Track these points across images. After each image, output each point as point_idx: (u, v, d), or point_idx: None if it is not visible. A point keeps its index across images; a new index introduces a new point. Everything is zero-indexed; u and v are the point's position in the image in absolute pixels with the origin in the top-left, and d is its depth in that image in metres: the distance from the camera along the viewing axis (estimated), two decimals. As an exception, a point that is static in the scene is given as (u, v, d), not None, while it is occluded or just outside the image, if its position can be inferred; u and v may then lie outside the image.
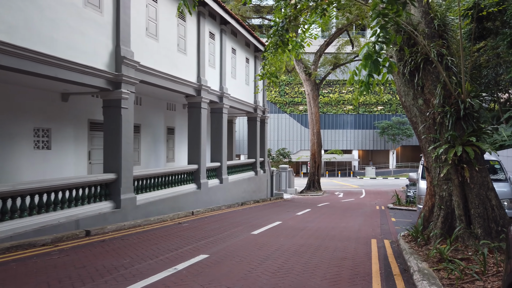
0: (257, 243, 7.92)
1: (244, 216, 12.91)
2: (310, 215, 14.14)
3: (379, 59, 4.23)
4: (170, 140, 17.46)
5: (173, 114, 17.63)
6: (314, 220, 12.31)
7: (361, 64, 4.37)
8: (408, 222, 12.70)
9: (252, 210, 15.54)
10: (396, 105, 61.95)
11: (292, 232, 9.50)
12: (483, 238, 6.15)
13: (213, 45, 16.63)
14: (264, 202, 20.44)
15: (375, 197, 27.53)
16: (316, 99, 32.42)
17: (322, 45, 32.23)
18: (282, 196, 25.47)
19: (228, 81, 18.31)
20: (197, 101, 15.09)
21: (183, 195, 13.70)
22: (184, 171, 14.25)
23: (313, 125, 32.61)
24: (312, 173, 32.94)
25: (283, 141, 59.12)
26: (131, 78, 10.77)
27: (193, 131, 15.10)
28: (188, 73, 14.37)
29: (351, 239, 8.73)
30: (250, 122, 22.66)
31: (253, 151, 22.37)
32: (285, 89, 60.23)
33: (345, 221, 12.46)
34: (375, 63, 4.21)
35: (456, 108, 6.68)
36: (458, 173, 6.62)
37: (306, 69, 31.92)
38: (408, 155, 65.97)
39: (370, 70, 4.28)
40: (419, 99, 7.37)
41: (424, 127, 7.33)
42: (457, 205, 6.55)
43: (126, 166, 10.69)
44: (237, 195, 18.78)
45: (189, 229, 9.80)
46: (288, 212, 14.87)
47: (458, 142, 6.58)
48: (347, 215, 14.60)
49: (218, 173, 17.14)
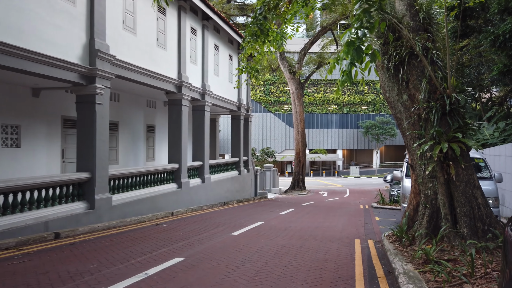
0: (237, 244, 7.57)
1: (225, 216, 12.54)
2: (294, 214, 13.86)
3: (361, 46, 3.93)
4: (150, 139, 16.96)
5: (153, 111, 17.13)
6: (297, 220, 12.03)
7: (343, 51, 4.06)
8: (392, 221, 12.54)
9: (234, 210, 15.18)
10: (379, 105, 62.42)
11: (274, 233, 9.17)
12: (470, 237, 5.94)
13: (194, 41, 16.20)
14: (248, 202, 20.10)
15: (359, 196, 27.50)
16: (300, 98, 32.24)
17: (306, 43, 32.06)
18: (266, 196, 25.18)
19: (210, 78, 17.89)
20: (177, 98, 14.65)
21: (162, 195, 13.25)
22: (164, 170, 13.79)
23: (298, 124, 32.42)
24: (296, 173, 32.76)
25: (268, 141, 58.90)
26: (106, 72, 10.28)
27: (174, 129, 14.65)
28: (168, 69, 13.91)
29: (334, 239, 8.45)
30: (234, 121, 22.29)
31: (236, 150, 22.01)
32: (270, 88, 60.02)
33: (329, 220, 12.22)
34: (357, 51, 3.91)
35: (442, 103, 6.46)
36: (443, 171, 6.40)
37: (290, 68, 31.70)
38: (392, 154, 66.58)
39: (352, 58, 3.98)
40: (404, 95, 7.14)
41: (408, 124, 7.09)
42: (443, 203, 6.33)
43: (101, 164, 10.20)
44: (220, 194, 18.39)
45: (166, 230, 9.38)
46: (271, 212, 14.57)
47: (444, 139, 6.36)
48: (330, 214, 14.38)
49: (200, 172, 16.72)
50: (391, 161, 65.26)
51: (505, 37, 12.29)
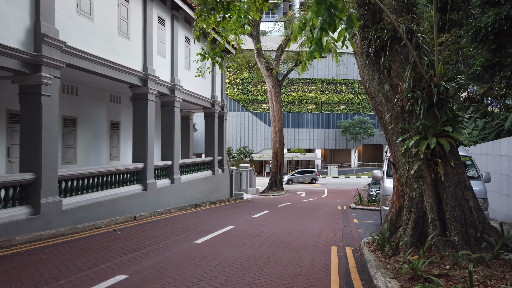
0: (197, 256, 6.59)
1: (193, 220, 11.53)
2: (268, 217, 12.96)
3: (335, 6, 3.04)
4: (114, 136, 15.73)
5: (118, 107, 15.91)
6: (271, 224, 11.13)
7: (311, 10, 3.16)
8: (371, 223, 11.81)
9: (206, 212, 14.17)
10: (358, 105, 62.46)
11: (242, 240, 8.23)
12: (461, 247, 5.16)
13: (162, 32, 15.09)
14: (222, 203, 19.10)
15: (337, 196, 26.90)
16: (278, 96, 31.43)
17: (284, 40, 31.29)
18: (242, 197, 24.22)
19: (181, 72, 16.81)
20: (143, 92, 13.52)
21: (125, 197, 12.12)
22: (126, 170, 12.65)
23: (275, 123, 31.61)
24: (274, 172, 31.93)
25: (245, 140, 57.95)
26: (54, 60, 9.10)
27: (139, 126, 13.52)
28: (131, 60, 12.78)
29: (309, 247, 7.58)
30: (207, 118, 21.24)
31: (210, 149, 20.98)
32: (248, 86, 59.10)
33: (304, 223, 11.38)
34: (329, 11, 3.02)
35: (429, 93, 5.67)
36: (430, 170, 5.62)
37: (267, 65, 30.84)
38: (369, 154, 66.80)
39: (322, 22, 3.09)
40: (385, 84, 6.32)
41: (391, 117, 6.29)
42: (430, 207, 5.54)
43: (49, 164, 9.02)
44: (191, 196, 17.33)
45: (121, 238, 8.30)
46: (244, 215, 13.63)
47: (431, 133, 5.57)
48: (307, 216, 13.55)
49: (169, 172, 15.62)
50: (369, 161, 65.45)
51: (487, 30, 11.77)
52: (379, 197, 11.83)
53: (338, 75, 61.60)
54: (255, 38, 30.75)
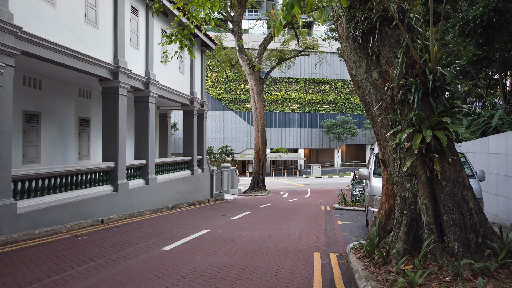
0: (162, 266, 5.78)
1: (167, 224, 10.68)
2: (247, 219, 12.21)
3: None
4: (84, 134, 14.71)
5: (88, 102, 14.89)
6: (250, 226, 10.38)
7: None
8: (356, 225, 11.19)
9: (182, 215, 13.32)
10: (341, 104, 62.36)
11: (216, 246, 7.46)
12: (462, 254, 4.52)
13: (136, 23, 14.17)
14: (201, 205, 18.26)
15: (320, 197, 26.36)
16: (260, 94, 30.72)
17: (266, 37, 30.64)
18: (223, 197, 23.40)
19: (156, 66, 15.91)
20: (114, 86, 12.59)
21: (92, 199, 11.18)
22: (94, 169, 11.71)
23: (258, 122, 30.89)
24: (256, 172, 31.21)
25: (228, 140, 57.09)
26: (7, 47, 8.14)
27: (109, 122, 12.59)
28: (100, 51, 11.84)
29: (289, 253, 6.86)
30: (186, 116, 20.35)
31: (189, 148, 20.09)
32: (231, 85, 58.25)
33: (286, 226, 10.67)
34: None
35: (423, 80, 5.02)
36: (425, 167, 4.97)
37: (250, 62, 30.11)
38: (352, 154, 66.85)
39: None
40: (374, 72, 5.65)
41: (380, 108, 5.62)
42: (425, 209, 4.89)
43: (0, 163, 8.05)
44: (168, 197, 16.43)
45: (81, 245, 7.42)
46: (222, 217, 12.84)
47: (426, 125, 4.92)
48: (288, 218, 12.86)
49: (144, 172, 14.71)
50: (352, 160, 65.47)
51: (475, 23, 11.32)
52: (365, 197, 11.21)
53: (321, 74, 61.36)
54: (236, 34, 29.98)
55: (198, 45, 21.43)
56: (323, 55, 45.45)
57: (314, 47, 33.27)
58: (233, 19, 29.70)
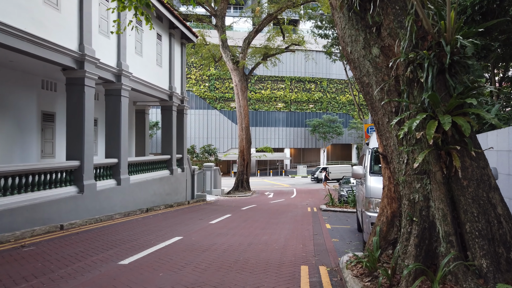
0: (112, 287, 4.63)
1: (136, 229, 9.50)
2: (227, 223, 11.09)
3: None
4: (48, 130, 13.35)
5: (52, 95, 13.54)
6: (229, 232, 9.27)
7: None
8: (346, 229, 10.19)
9: (156, 219, 12.13)
10: (326, 103, 61.70)
11: (186, 258, 6.33)
12: (493, 275, 3.52)
13: (105, 7, 12.89)
14: (180, 207, 17.06)
15: (306, 197, 25.41)
16: (244, 91, 29.60)
17: (251, 32, 29.55)
18: (205, 198, 22.21)
19: (130, 57, 14.66)
20: (79, 77, 11.33)
21: (51, 202, 9.92)
22: (56, 169, 10.45)
23: (242, 120, 29.77)
24: (240, 172, 30.08)
25: (212, 139, 55.76)
26: None
27: (74, 116, 11.33)
28: (62, 36, 10.58)
29: (271, 266, 5.79)
30: (165, 112, 19.11)
31: (168, 147, 18.86)
32: (215, 83, 56.95)
33: (269, 231, 9.60)
34: None
35: (438, 53, 4.00)
36: (441, 162, 3.95)
37: (233, 58, 28.96)
38: (338, 153, 66.28)
39: None
40: (374, 47, 4.63)
41: (381, 91, 4.59)
42: (442, 215, 3.87)
43: None
44: (143, 199, 15.19)
45: (24, 258, 6.20)
46: (200, 220, 11.70)
47: (442, 110, 3.90)
48: (273, 221, 11.80)
49: (115, 172, 13.46)
50: (338, 160, 64.88)
51: (474, 10, 10.50)
52: (356, 198, 10.20)
53: (307, 73, 60.60)
54: (220, 29, 28.81)
55: (177, 37, 20.21)
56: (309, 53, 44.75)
57: (300, 43, 32.32)
58: (216, 13, 28.53)
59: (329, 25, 33.96)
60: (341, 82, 62.20)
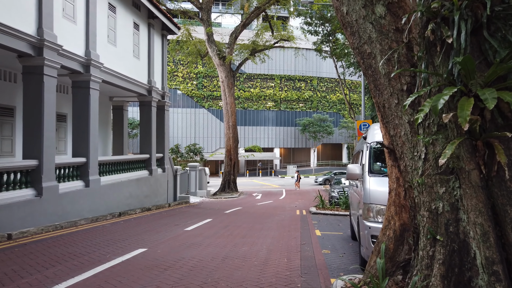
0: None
1: (98, 239, 8.20)
2: (205, 230, 9.85)
3: None
4: (6, 125, 11.97)
5: (10, 87, 12.16)
6: (204, 242, 8.03)
7: None
8: (338, 237, 9.02)
9: (126, 225, 10.84)
10: (317, 102, 60.76)
11: (140, 279, 5.09)
12: None
13: (70, -11, 11.56)
14: (159, 210, 15.77)
15: (295, 198, 24.28)
16: (231, 87, 28.35)
17: (238, 26, 28.30)
18: (188, 200, 20.90)
19: (102, 46, 13.34)
20: (37, 65, 10.00)
21: (2, 207, 8.58)
22: (8, 169, 9.12)
23: (229, 117, 28.52)
24: (227, 172, 28.81)
25: (200, 138, 54.38)
26: None
27: (31, 110, 10.01)
28: (16, 18, 9.25)
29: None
30: (143, 108, 17.77)
31: (147, 145, 17.53)
32: (203, 81, 55.56)
33: (251, 240, 8.39)
34: None
35: (472, 3, 2.82)
36: (478, 157, 2.78)
37: (220, 53, 27.68)
38: (328, 153, 65.37)
39: None
40: (378, 5, 3.44)
41: (388, 62, 3.41)
42: (481, 233, 2.70)
43: None
44: (116, 202, 13.86)
45: None
46: (175, 227, 10.44)
47: (479, 83, 2.73)
48: (257, 227, 10.59)
49: (83, 172, 12.12)
50: (328, 160, 63.98)
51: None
52: (349, 202, 9.03)
53: (297, 71, 59.57)
54: (205, 22, 27.53)
55: (157, 28, 18.89)
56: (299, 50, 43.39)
57: (289, 38, 31.11)
58: (202, 6, 27.24)
59: (319, 21, 32.98)
60: (332, 81, 61.31)
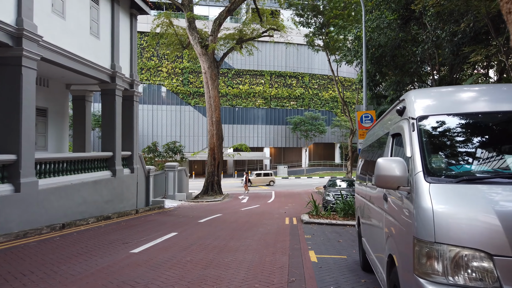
0: None
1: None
2: (157, 253, 7.21)
3: None
4: None
5: None
6: (145, 276, 5.42)
7: None
8: (342, 263, 6.46)
9: (53, 244, 8.18)
10: (308, 100, 58.34)
11: None
12: None
13: None
14: (122, 218, 13.11)
15: (286, 202, 21.72)
16: (215, 79, 25.73)
17: (222, 11, 25.68)
18: (163, 205, 18.23)
19: (44, 16, 10.66)
20: None
21: None
22: None
23: (212, 112, 25.90)
24: (210, 173, 26.17)
25: (185, 137, 51.56)
26: None
27: None
28: None
29: None
30: (105, 97, 15.07)
31: (109, 141, 14.84)
32: (189, 77, 52.74)
33: (217, 271, 5.80)
34: None
35: None
36: None
37: (202, 41, 25.05)
38: (321, 153, 63.01)
39: None
40: None
41: None
42: None
43: None
44: (63, 210, 11.16)
45: None
46: (122, 246, 7.79)
47: None
48: (232, 245, 7.99)
49: (12, 174, 9.43)
50: (320, 160, 61.61)
51: None
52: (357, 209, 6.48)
53: (287, 67, 57.06)
54: (186, 7, 24.87)
55: (125, 6, 16.21)
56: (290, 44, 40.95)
57: (279, 27, 28.49)
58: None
59: (311, 13, 30.52)
60: (324, 78, 58.98)
